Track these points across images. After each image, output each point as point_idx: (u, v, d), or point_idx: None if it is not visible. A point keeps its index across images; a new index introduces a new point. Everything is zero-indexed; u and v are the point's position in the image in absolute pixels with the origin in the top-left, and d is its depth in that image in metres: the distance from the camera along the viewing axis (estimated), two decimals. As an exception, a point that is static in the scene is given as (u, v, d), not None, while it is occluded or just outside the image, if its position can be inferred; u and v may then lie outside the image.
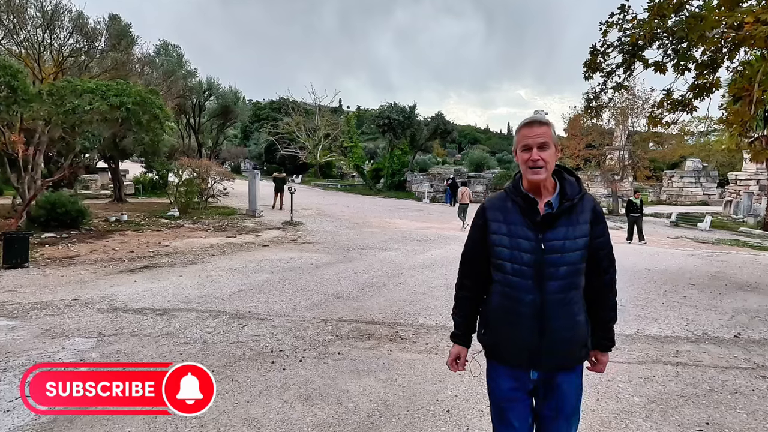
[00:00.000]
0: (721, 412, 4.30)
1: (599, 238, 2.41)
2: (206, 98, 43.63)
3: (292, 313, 7.03)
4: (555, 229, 2.31)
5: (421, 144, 44.83)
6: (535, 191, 2.38)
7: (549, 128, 2.34)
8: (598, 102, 11.25)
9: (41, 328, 6.08)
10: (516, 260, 2.33)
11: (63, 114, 12.81)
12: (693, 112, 9.46)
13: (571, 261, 2.30)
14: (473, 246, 2.56)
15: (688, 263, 12.30)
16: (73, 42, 20.32)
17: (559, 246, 2.29)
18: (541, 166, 2.29)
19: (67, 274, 9.23)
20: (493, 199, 2.52)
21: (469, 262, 2.59)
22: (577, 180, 2.45)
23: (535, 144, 2.30)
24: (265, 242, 13.73)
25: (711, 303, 8.27)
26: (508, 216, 2.39)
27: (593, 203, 2.42)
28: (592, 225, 2.37)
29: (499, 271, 2.40)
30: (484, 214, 2.49)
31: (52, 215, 13.70)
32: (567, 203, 2.33)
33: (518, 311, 2.34)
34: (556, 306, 2.31)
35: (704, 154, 43.20)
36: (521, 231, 2.34)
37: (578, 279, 2.36)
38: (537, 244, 2.30)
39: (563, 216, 2.33)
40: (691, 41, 8.41)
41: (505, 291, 2.39)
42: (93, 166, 29.42)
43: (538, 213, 2.34)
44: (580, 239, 2.32)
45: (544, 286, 2.29)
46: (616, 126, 31.13)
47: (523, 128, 2.37)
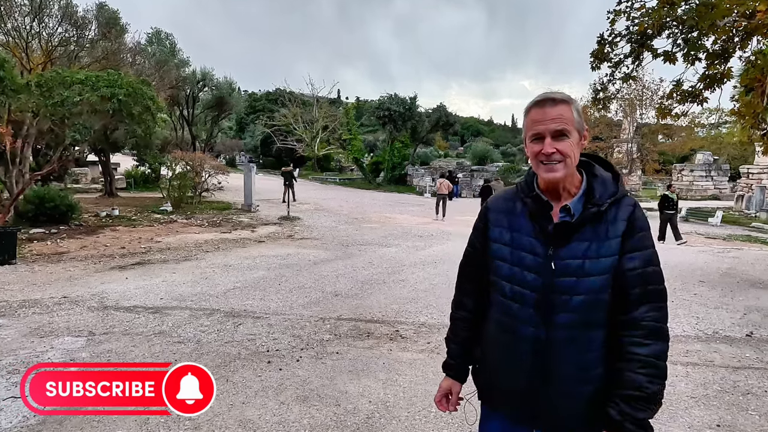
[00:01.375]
0: (733, 413, 4.30)
1: (630, 253, 1.77)
2: (200, 89, 43.64)
3: (288, 311, 7.02)
4: (572, 244, 1.78)
5: (423, 136, 44.78)
6: (552, 192, 1.86)
7: (568, 108, 1.78)
8: (606, 93, 11.23)
9: (29, 327, 6.07)
10: (517, 280, 1.85)
11: (52, 106, 12.76)
12: (703, 104, 9.50)
13: (590, 288, 1.75)
14: (473, 255, 2.11)
15: (698, 259, 12.30)
16: (62, 31, 20.33)
17: (575, 267, 1.76)
18: (558, 161, 1.77)
19: (56, 270, 9.22)
20: (500, 198, 2.04)
21: (469, 276, 2.14)
22: (615, 176, 1.89)
23: (548, 131, 1.77)
24: (261, 238, 13.72)
25: (722, 301, 8.26)
26: (514, 221, 1.91)
27: (632, 209, 1.81)
28: (624, 239, 1.77)
29: (497, 291, 1.94)
30: (486, 215, 2.04)
31: (40, 210, 13.67)
32: (592, 209, 1.78)
33: (515, 348, 1.86)
34: (565, 347, 1.78)
35: (715, 147, 43.14)
36: (527, 242, 1.85)
37: (598, 314, 1.77)
38: (546, 262, 1.79)
39: (586, 226, 1.78)
40: (701, 30, 8.39)
41: (501, 320, 1.93)
42: (83, 159, 29.35)
43: (551, 220, 1.82)
44: (605, 259, 1.75)
45: (550, 319, 1.79)
46: (624, 118, 31.12)
47: (532, 110, 1.83)
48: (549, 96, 1.81)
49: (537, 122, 1.80)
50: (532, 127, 1.82)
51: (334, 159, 56.63)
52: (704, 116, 38.78)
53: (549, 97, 1.80)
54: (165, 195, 20.12)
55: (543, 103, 1.80)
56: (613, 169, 1.93)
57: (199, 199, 21.49)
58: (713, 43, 8.85)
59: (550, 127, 1.77)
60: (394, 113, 39.41)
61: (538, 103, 1.82)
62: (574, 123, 1.79)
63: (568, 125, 1.77)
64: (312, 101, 51.50)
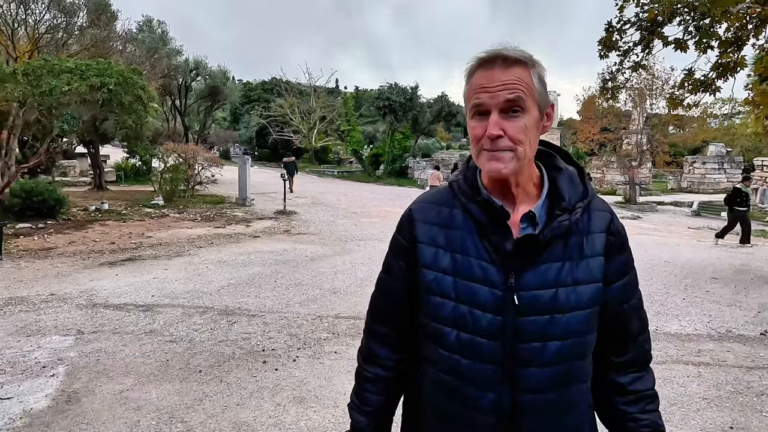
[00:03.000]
0: (746, 415, 4.29)
1: (621, 279, 1.40)
2: (193, 78, 43.53)
3: (285, 309, 7.02)
4: (540, 267, 1.31)
5: (424, 127, 44.70)
6: (503, 192, 1.37)
7: (527, 72, 1.27)
8: (614, 82, 11.20)
9: (15, 326, 6.06)
10: (465, 325, 1.33)
11: (39, 95, 12.72)
12: (716, 93, 9.44)
13: (571, 329, 1.30)
14: (392, 286, 1.54)
15: (710, 255, 12.29)
16: (50, 18, 20.26)
17: (547, 300, 1.29)
18: (506, 148, 1.26)
19: (43, 267, 9.21)
20: (429, 203, 1.48)
21: (384, 315, 1.58)
22: (580, 172, 1.43)
23: (495, 104, 1.25)
24: (257, 233, 13.71)
25: (735, 298, 8.26)
26: (454, 237, 1.38)
27: (609, 216, 1.40)
28: (607, 257, 1.36)
29: (435, 341, 1.39)
30: (411, 229, 1.46)
31: (27, 204, 13.64)
32: (562, 216, 1.32)
33: (469, 422, 1.35)
34: (542, 416, 1.33)
35: (728, 139, 43.09)
36: (477, 269, 1.33)
37: (582, 364, 1.36)
38: (506, 295, 1.29)
39: (555, 242, 1.32)
40: (714, 17, 8.35)
41: (444, 382, 1.38)
42: (71, 151, 29.36)
43: (509, 234, 1.31)
44: (585, 287, 1.32)
45: (518, 378, 1.30)
46: (634, 108, 30.99)
47: (476, 72, 1.30)
48: (500, 52, 1.27)
49: (481, 89, 1.27)
50: (474, 97, 1.29)
51: (332, 151, 56.53)
52: (717, 106, 38.84)
53: (500, 54, 1.27)
54: (156, 188, 20.07)
55: (491, 62, 1.27)
56: (576, 162, 1.47)
57: (192, 192, 21.43)
58: (726, 30, 8.81)
59: (498, 98, 1.25)
60: (394, 103, 39.31)
61: (484, 63, 1.28)
62: (535, 94, 1.28)
63: (525, 96, 1.25)
64: (309, 91, 51.42)
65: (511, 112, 1.25)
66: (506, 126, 1.25)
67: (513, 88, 1.24)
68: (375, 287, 1.62)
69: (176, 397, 4.33)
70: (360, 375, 1.61)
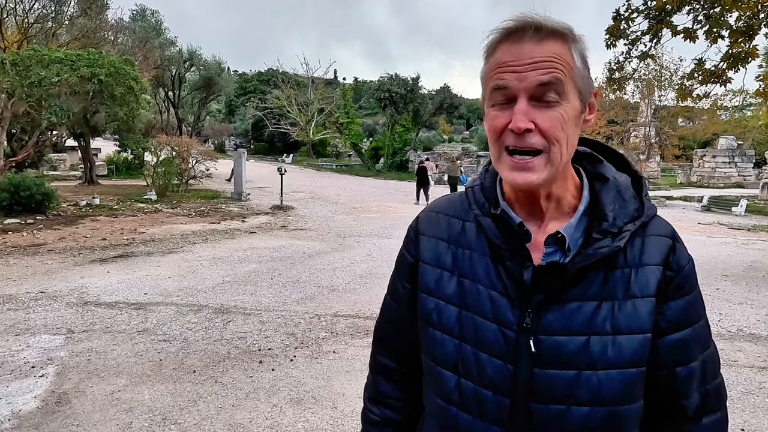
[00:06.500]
0: (758, 417, 4.29)
1: (678, 332, 1.05)
2: (187, 69, 43.40)
3: (281, 307, 7.01)
4: (567, 306, 1.01)
5: (425, 120, 44.73)
6: (529, 204, 1.08)
7: (566, 48, 0.97)
8: (622, 73, 11.19)
9: (4, 324, 6.05)
10: (469, 371, 1.06)
11: (28, 86, 12.74)
12: (727, 84, 9.43)
13: (605, 394, 0.99)
14: (397, 313, 1.29)
15: (721, 252, 12.27)
16: (40, 7, 20.25)
17: (574, 351, 1.00)
18: (536, 150, 0.97)
19: (32, 264, 9.20)
20: (439, 212, 1.23)
21: (391, 348, 1.33)
22: (636, 182, 1.12)
23: (523, 87, 0.95)
24: (252, 229, 13.70)
25: (747, 296, 8.25)
26: (464, 258, 1.12)
27: (670, 243, 1.08)
28: (661, 299, 1.03)
29: (435, 391, 1.13)
30: (416, 243, 1.22)
31: (15, 199, 13.63)
32: (603, 242, 1.01)
33: None
34: None
35: (739, 131, 42.98)
36: (486, 300, 1.06)
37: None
38: (521, 338, 1.02)
39: (591, 273, 1.02)
40: (724, 5, 8.34)
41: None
42: (61, 144, 29.29)
43: (529, 261, 1.03)
44: (630, 337, 1.00)
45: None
46: (642, 100, 31.03)
47: (500, 46, 0.99)
48: (532, 21, 0.97)
49: (505, 68, 0.97)
50: (495, 77, 0.98)
51: (330, 144, 56.56)
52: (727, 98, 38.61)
53: (533, 22, 0.96)
54: (149, 183, 20.05)
55: (520, 33, 0.97)
56: (631, 167, 1.15)
57: (186, 187, 21.45)
58: (737, 19, 8.79)
59: (528, 79, 0.95)
60: (395, 95, 39.29)
61: (510, 34, 0.98)
62: (576, 77, 0.98)
63: (564, 79, 0.96)
64: (307, 82, 51.46)
65: (544, 100, 0.95)
66: (537, 117, 0.95)
67: (548, 67, 0.94)
68: (380, 312, 1.38)
69: (170, 398, 4.32)
70: (364, 418, 1.36)
